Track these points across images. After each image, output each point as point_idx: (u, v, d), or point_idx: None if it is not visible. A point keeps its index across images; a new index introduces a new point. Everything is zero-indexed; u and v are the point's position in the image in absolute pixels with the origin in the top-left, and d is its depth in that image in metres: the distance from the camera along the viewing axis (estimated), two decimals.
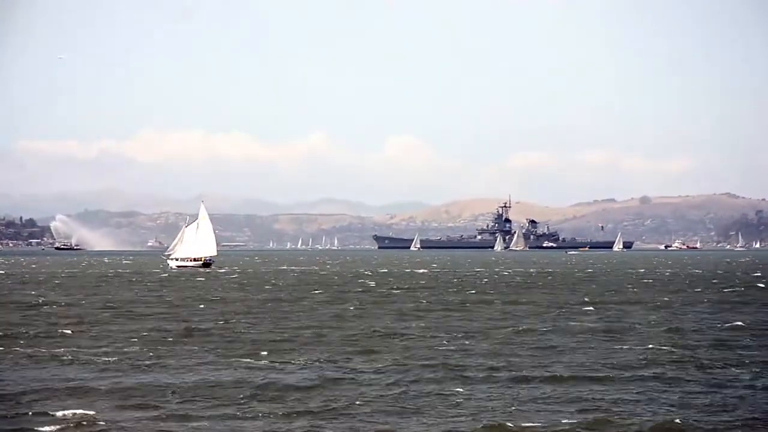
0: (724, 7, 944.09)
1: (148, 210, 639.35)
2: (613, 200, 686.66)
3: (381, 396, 22.59)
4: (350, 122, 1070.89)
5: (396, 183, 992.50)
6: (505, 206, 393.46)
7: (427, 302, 53.01)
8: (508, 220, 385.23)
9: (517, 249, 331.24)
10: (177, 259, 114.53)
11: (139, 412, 20.79)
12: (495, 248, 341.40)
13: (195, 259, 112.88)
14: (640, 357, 28.91)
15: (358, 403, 21.73)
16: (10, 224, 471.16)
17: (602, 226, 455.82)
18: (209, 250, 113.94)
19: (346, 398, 22.29)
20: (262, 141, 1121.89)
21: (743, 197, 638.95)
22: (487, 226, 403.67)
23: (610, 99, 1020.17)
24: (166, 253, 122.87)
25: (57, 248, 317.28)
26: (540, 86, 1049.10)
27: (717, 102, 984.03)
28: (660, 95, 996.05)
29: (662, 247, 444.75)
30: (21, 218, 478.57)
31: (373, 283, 75.80)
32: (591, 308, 48.46)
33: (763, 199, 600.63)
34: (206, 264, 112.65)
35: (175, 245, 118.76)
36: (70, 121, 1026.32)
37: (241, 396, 22.56)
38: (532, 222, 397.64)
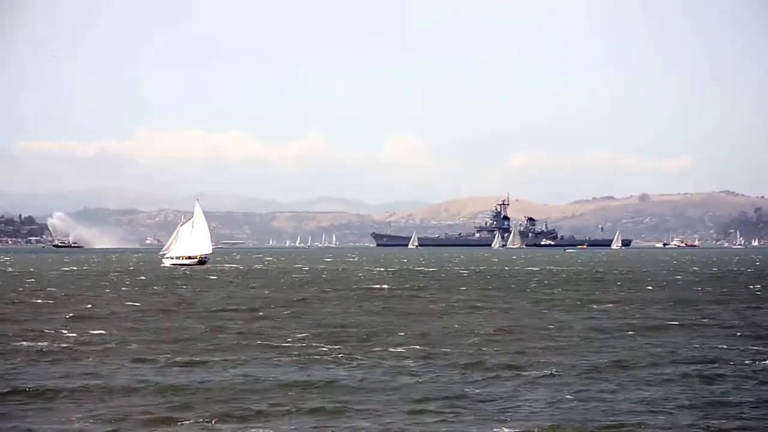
0: (723, 6, 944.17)
1: (147, 208, 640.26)
2: (612, 198, 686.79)
3: (426, 395, 22.31)
4: (349, 121, 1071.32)
5: (396, 182, 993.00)
6: (503, 204, 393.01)
7: (446, 301, 52.58)
8: (506, 218, 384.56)
9: (514, 247, 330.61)
10: (172, 258, 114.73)
11: (170, 412, 20.62)
12: (492, 246, 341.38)
13: (190, 257, 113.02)
14: (684, 355, 28.87)
15: (402, 403, 21.43)
16: (9, 222, 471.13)
17: (601, 227, 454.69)
18: (204, 248, 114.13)
19: (394, 397, 22.08)
20: (262, 140, 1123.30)
21: (743, 195, 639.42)
22: (486, 223, 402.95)
23: (609, 97, 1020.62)
24: (162, 252, 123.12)
25: (55, 246, 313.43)
26: (539, 85, 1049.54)
27: (716, 100, 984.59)
28: (659, 93, 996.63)
29: (660, 244, 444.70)
30: (20, 216, 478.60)
31: (386, 286, 74.92)
32: (610, 305, 48.77)
33: (762, 197, 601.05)
34: (201, 262, 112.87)
35: (170, 243, 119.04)
36: (70, 120, 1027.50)
37: (273, 394, 22.45)
38: (531, 220, 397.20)
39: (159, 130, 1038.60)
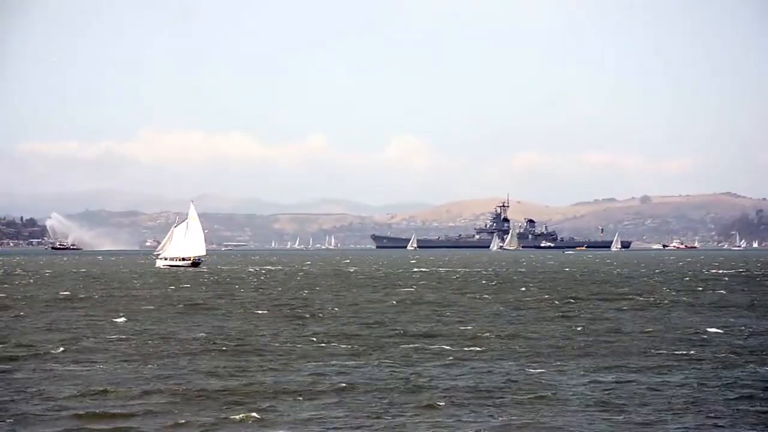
0: (724, 6, 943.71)
1: (148, 210, 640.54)
2: (613, 200, 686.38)
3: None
4: (351, 123, 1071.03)
5: (397, 183, 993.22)
6: (503, 206, 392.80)
7: (499, 304, 51.25)
8: (506, 220, 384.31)
9: (511, 248, 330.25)
10: (166, 259, 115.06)
11: (222, 413, 20.63)
12: (491, 247, 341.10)
13: (183, 259, 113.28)
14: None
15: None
16: (10, 224, 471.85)
17: (602, 229, 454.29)
18: (198, 249, 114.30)
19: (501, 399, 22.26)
20: (263, 141, 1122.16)
21: (744, 197, 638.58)
22: (486, 225, 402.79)
23: (610, 99, 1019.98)
24: (156, 252, 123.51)
25: (54, 248, 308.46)
26: (541, 86, 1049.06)
27: (718, 101, 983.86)
28: (660, 94, 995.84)
29: (656, 246, 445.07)
30: (21, 218, 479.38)
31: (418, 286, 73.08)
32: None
33: (764, 199, 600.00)
34: (195, 263, 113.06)
35: (165, 244, 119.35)
36: (71, 122, 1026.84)
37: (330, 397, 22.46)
38: (530, 221, 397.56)
39: (160, 131, 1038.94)
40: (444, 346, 31.47)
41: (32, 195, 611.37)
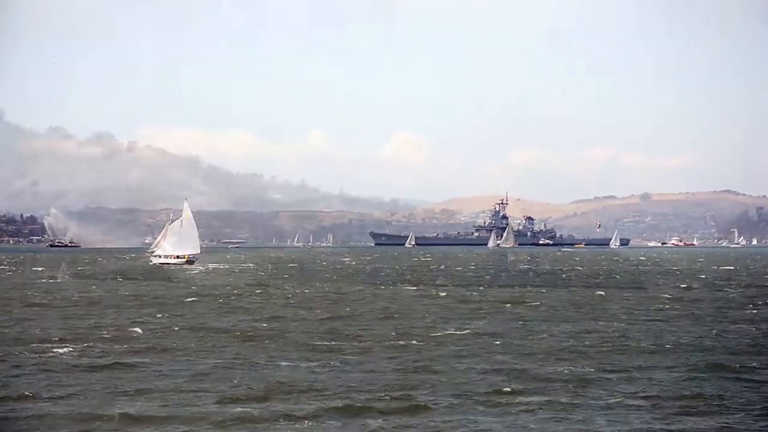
0: (724, 4, 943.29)
1: (148, 207, 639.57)
2: (613, 197, 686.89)
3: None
4: (350, 120, 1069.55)
5: (397, 181, 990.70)
6: (502, 203, 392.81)
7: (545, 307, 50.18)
8: (505, 217, 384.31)
9: (507, 246, 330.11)
10: (160, 256, 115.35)
11: (245, 409, 20.76)
12: (488, 245, 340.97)
13: (178, 257, 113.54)
14: None
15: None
16: (10, 221, 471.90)
17: (598, 224, 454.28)
18: (192, 247, 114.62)
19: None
20: (262, 139, 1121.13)
21: (745, 194, 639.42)
22: (485, 222, 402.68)
23: (610, 96, 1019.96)
24: (150, 250, 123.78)
25: (51, 245, 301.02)
26: (541, 83, 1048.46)
27: (719, 99, 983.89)
28: (661, 92, 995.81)
29: (652, 244, 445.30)
30: (22, 215, 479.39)
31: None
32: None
33: (764, 197, 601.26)
34: (189, 261, 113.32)
35: (158, 242, 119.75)
36: (71, 119, 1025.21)
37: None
38: (529, 219, 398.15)
39: (160, 129, 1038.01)
40: (473, 341, 31.67)
41: (32, 192, 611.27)
